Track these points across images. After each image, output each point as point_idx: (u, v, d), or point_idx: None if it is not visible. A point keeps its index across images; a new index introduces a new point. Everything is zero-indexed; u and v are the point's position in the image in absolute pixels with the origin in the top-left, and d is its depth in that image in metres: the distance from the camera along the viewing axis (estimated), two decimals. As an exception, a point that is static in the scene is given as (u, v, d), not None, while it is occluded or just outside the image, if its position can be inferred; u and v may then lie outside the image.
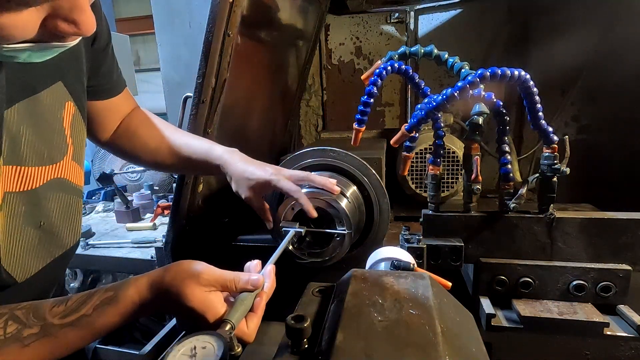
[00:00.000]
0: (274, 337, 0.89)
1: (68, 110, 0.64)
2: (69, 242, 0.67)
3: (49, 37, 0.42)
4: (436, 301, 0.45)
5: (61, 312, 0.49)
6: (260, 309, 0.55)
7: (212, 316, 0.51)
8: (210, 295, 0.52)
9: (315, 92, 1.91)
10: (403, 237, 0.78)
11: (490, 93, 0.69)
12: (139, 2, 6.41)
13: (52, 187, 0.61)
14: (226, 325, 0.48)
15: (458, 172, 1.25)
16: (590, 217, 0.71)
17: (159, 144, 0.84)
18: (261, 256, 0.63)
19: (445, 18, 1.69)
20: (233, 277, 0.54)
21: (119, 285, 0.53)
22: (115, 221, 2.01)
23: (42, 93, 0.58)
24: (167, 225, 1.01)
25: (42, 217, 0.60)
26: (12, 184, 0.54)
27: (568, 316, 0.68)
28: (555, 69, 1.50)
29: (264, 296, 0.56)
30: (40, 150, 0.58)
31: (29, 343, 0.47)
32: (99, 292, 0.52)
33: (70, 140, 0.64)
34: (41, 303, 0.51)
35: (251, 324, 0.53)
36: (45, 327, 0.48)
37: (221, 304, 0.52)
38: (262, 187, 0.79)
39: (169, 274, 0.52)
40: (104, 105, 0.77)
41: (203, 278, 0.52)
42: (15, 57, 0.43)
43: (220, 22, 0.84)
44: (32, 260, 0.59)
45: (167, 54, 1.92)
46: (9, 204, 0.54)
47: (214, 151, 0.82)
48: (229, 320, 0.49)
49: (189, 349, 0.44)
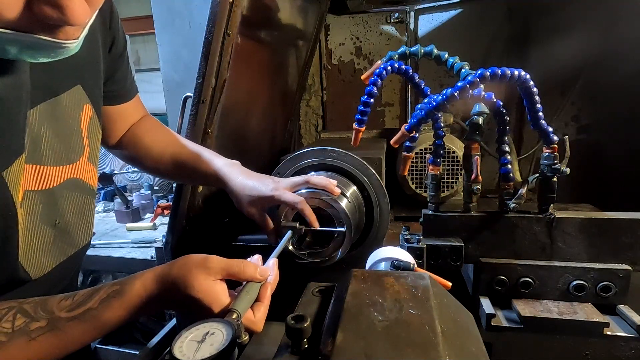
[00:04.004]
0: (274, 337, 0.89)
1: (86, 113, 0.65)
2: (82, 242, 0.68)
3: (36, 27, 0.41)
4: (436, 301, 0.45)
5: (68, 306, 0.50)
6: (266, 298, 0.57)
7: (218, 306, 0.52)
8: (216, 286, 0.53)
9: (315, 92, 1.91)
10: (403, 237, 0.78)
11: (490, 93, 0.69)
12: (139, 2, 6.40)
13: (68, 186, 0.62)
14: (233, 314, 0.49)
15: (458, 172, 1.25)
16: (590, 217, 0.71)
17: (162, 150, 0.85)
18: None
19: (445, 18, 1.69)
20: (242, 264, 0.55)
21: (126, 279, 0.53)
22: (115, 221, 2.01)
23: (63, 95, 0.60)
24: (167, 225, 1.01)
25: (57, 216, 0.61)
26: (32, 182, 0.56)
27: (568, 316, 0.68)
28: (555, 69, 1.50)
29: (268, 286, 0.57)
30: (59, 151, 0.60)
31: (36, 336, 0.47)
32: (106, 286, 0.52)
33: (86, 141, 0.66)
34: (50, 297, 0.51)
35: (258, 312, 0.54)
36: (52, 321, 0.48)
37: (226, 295, 0.53)
38: (264, 202, 0.80)
39: (176, 266, 0.53)
40: (115, 110, 0.79)
41: (210, 266, 0.53)
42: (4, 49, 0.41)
43: (220, 22, 0.84)
44: (46, 258, 0.59)
45: (167, 54, 1.92)
46: (28, 202, 0.55)
47: (214, 164, 0.83)
48: (235, 309, 0.50)
49: (198, 335, 0.45)
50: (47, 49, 0.43)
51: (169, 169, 0.86)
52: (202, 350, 0.43)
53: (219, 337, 0.44)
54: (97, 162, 0.70)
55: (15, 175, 0.52)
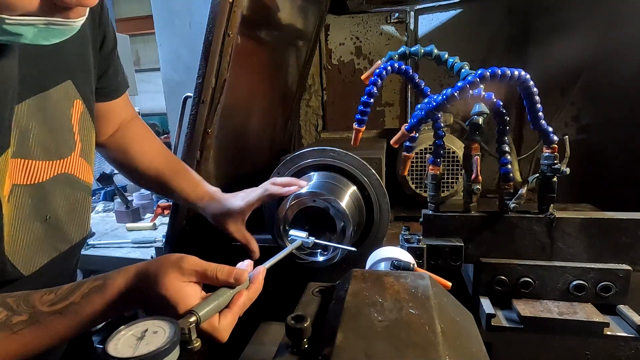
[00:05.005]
0: (274, 337, 0.89)
1: (76, 108, 0.65)
2: (76, 238, 0.68)
3: (51, 11, 0.42)
4: (436, 301, 0.45)
5: (50, 300, 0.49)
6: (237, 306, 0.52)
7: (183, 307, 0.49)
8: (186, 287, 0.50)
9: (315, 92, 1.91)
10: (403, 237, 0.78)
11: (490, 93, 0.69)
12: (139, 2, 6.42)
13: (58, 182, 0.62)
14: (191, 316, 0.46)
15: (458, 172, 1.25)
16: (590, 217, 0.71)
17: (148, 164, 0.86)
18: (261, 256, 0.63)
19: (445, 18, 1.69)
20: (215, 267, 0.52)
21: (110, 274, 0.52)
22: (115, 221, 2.01)
23: (52, 90, 0.60)
24: (167, 225, 1.01)
25: (48, 211, 0.60)
26: (20, 176, 0.55)
27: (568, 316, 0.68)
28: (555, 69, 1.50)
29: (244, 294, 0.53)
30: (48, 145, 0.59)
31: (18, 330, 0.47)
32: (89, 281, 0.51)
33: (78, 137, 0.66)
34: (33, 292, 0.50)
35: (224, 320, 0.50)
36: (33, 315, 0.48)
37: (196, 297, 0.51)
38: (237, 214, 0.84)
39: (156, 263, 0.52)
40: (106, 106, 0.78)
41: (183, 267, 0.50)
42: (21, 35, 0.43)
43: (220, 22, 0.84)
44: (37, 254, 0.59)
45: (167, 54, 1.92)
46: (16, 196, 0.55)
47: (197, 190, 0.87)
48: (194, 311, 0.47)
49: (139, 331, 0.42)
50: (61, 30, 0.45)
51: (152, 186, 0.89)
52: (138, 348, 0.40)
53: (160, 336, 0.41)
54: (91, 158, 0.70)
55: (1, 170, 0.52)
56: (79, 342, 0.73)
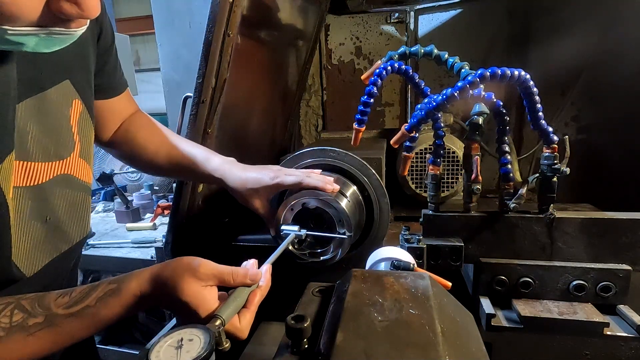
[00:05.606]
0: (274, 337, 0.89)
1: (75, 108, 0.65)
2: (76, 238, 0.68)
3: (53, 22, 0.43)
4: (436, 301, 0.45)
5: (65, 303, 0.50)
6: (253, 305, 0.56)
7: (204, 311, 0.51)
8: (204, 291, 0.52)
9: (315, 92, 1.91)
10: (403, 237, 0.78)
11: (490, 93, 0.69)
12: (139, 2, 6.41)
13: (58, 182, 0.62)
14: (216, 320, 0.49)
15: (458, 172, 1.25)
16: (590, 217, 0.71)
17: (157, 148, 0.85)
18: (261, 256, 0.63)
19: (445, 18, 1.69)
20: (231, 270, 0.55)
21: (123, 277, 0.54)
22: (115, 221, 2.01)
23: (50, 90, 0.59)
24: (167, 225, 1.01)
25: (48, 212, 0.60)
26: (20, 178, 0.55)
27: (568, 316, 0.68)
28: (555, 69, 1.50)
29: (258, 293, 0.57)
30: (47, 146, 0.59)
31: (34, 332, 0.48)
32: (103, 284, 0.53)
33: (77, 137, 0.65)
34: (47, 293, 0.52)
35: (244, 320, 0.54)
36: (49, 317, 0.49)
37: (214, 300, 0.53)
38: (267, 191, 0.80)
39: (169, 268, 0.53)
40: (106, 104, 0.78)
41: (200, 272, 0.52)
42: (22, 44, 0.43)
43: (220, 22, 0.84)
44: (39, 255, 0.59)
45: (167, 54, 1.92)
46: (17, 198, 0.55)
47: (211, 162, 0.83)
48: (219, 315, 0.50)
49: (175, 341, 0.45)
50: (62, 39, 0.46)
51: (165, 168, 0.85)
52: (179, 357, 0.43)
53: (196, 344, 0.44)
54: (90, 158, 0.69)
55: (7, 173, 0.52)
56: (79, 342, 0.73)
